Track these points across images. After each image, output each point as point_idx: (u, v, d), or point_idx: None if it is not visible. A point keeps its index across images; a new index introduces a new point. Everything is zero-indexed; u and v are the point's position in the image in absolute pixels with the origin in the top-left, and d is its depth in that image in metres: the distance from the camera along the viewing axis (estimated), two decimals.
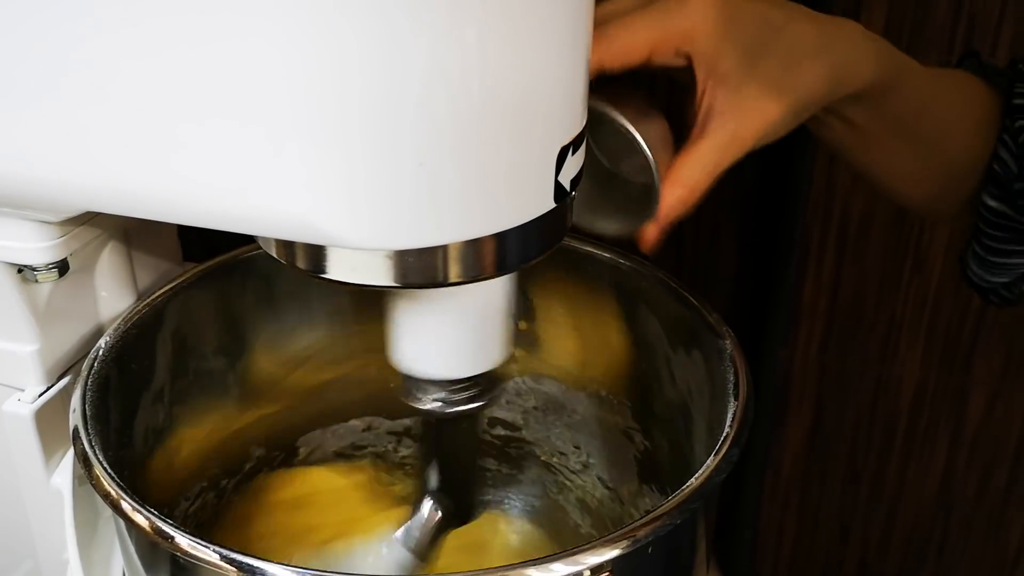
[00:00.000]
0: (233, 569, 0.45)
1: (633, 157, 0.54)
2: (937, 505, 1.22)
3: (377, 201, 0.41)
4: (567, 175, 0.45)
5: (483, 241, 0.44)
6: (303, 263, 0.46)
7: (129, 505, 0.48)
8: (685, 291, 0.60)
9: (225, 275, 0.65)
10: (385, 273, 0.44)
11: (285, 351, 0.69)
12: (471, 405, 0.52)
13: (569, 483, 0.74)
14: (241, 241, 0.63)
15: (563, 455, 0.74)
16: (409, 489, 0.73)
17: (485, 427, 0.75)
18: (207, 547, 0.45)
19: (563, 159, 0.45)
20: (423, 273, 0.44)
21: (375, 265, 0.44)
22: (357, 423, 0.74)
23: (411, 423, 0.75)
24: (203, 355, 0.65)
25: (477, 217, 0.43)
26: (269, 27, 0.38)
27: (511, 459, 0.75)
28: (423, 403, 0.52)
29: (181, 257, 0.70)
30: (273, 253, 0.47)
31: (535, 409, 0.73)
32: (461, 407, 0.52)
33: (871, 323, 1.13)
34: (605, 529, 0.72)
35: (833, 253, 1.10)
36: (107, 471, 0.50)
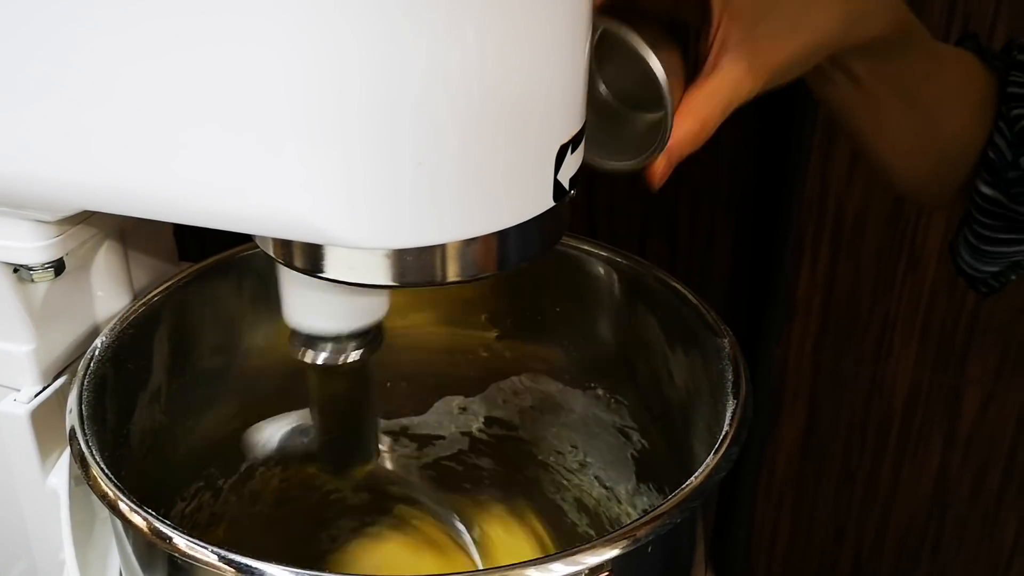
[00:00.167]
0: (231, 570, 0.44)
1: (646, 87, 0.52)
2: (931, 505, 1.22)
3: (376, 200, 0.41)
4: (566, 174, 0.45)
5: (482, 240, 0.44)
6: (301, 262, 0.46)
7: (127, 505, 0.48)
8: (683, 289, 0.60)
9: (221, 274, 0.65)
10: (383, 272, 0.44)
11: (282, 350, 0.68)
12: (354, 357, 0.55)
13: (566, 482, 0.74)
14: (237, 240, 0.63)
15: (560, 454, 0.74)
16: (407, 488, 0.73)
17: (482, 426, 0.75)
18: (205, 547, 0.45)
19: (562, 157, 0.45)
20: (422, 272, 0.44)
21: (373, 264, 0.44)
22: None
23: (407, 423, 0.75)
24: (200, 355, 0.65)
25: (476, 216, 0.43)
26: (268, 27, 0.38)
27: (508, 458, 0.75)
28: (307, 356, 0.56)
29: (177, 257, 0.70)
30: (271, 252, 0.47)
31: (532, 408, 0.73)
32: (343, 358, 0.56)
33: (865, 323, 1.13)
34: (602, 528, 0.71)
35: (827, 252, 1.10)
36: (104, 471, 0.50)
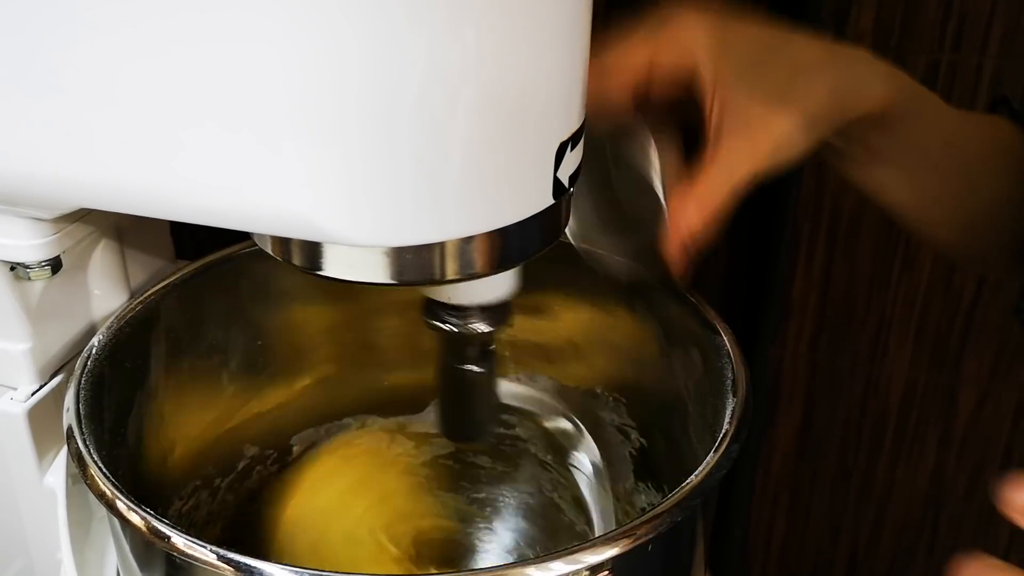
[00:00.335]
0: (230, 569, 0.44)
1: (641, 187, 0.53)
2: (927, 503, 1.22)
3: (375, 198, 0.41)
4: (566, 171, 0.45)
5: (481, 238, 0.44)
6: (299, 260, 0.46)
7: (124, 504, 0.47)
8: (682, 288, 0.60)
9: (218, 273, 0.65)
10: (382, 270, 0.44)
11: (279, 349, 0.69)
12: (480, 328, 0.54)
13: (564, 481, 0.73)
14: (233, 239, 0.63)
15: (558, 453, 0.73)
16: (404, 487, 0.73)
17: None
18: (204, 547, 0.45)
19: (562, 155, 0.45)
20: (420, 270, 0.44)
21: (372, 262, 0.44)
22: (351, 421, 0.74)
23: (404, 420, 0.75)
24: (197, 353, 0.65)
25: (476, 213, 0.43)
26: (267, 24, 0.38)
27: (506, 457, 0.75)
28: (442, 323, 0.54)
29: (174, 255, 0.69)
30: (269, 250, 0.47)
31: (530, 407, 0.73)
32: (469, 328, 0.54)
33: (861, 322, 1.13)
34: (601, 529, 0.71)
35: (823, 252, 1.10)
36: (102, 470, 0.49)
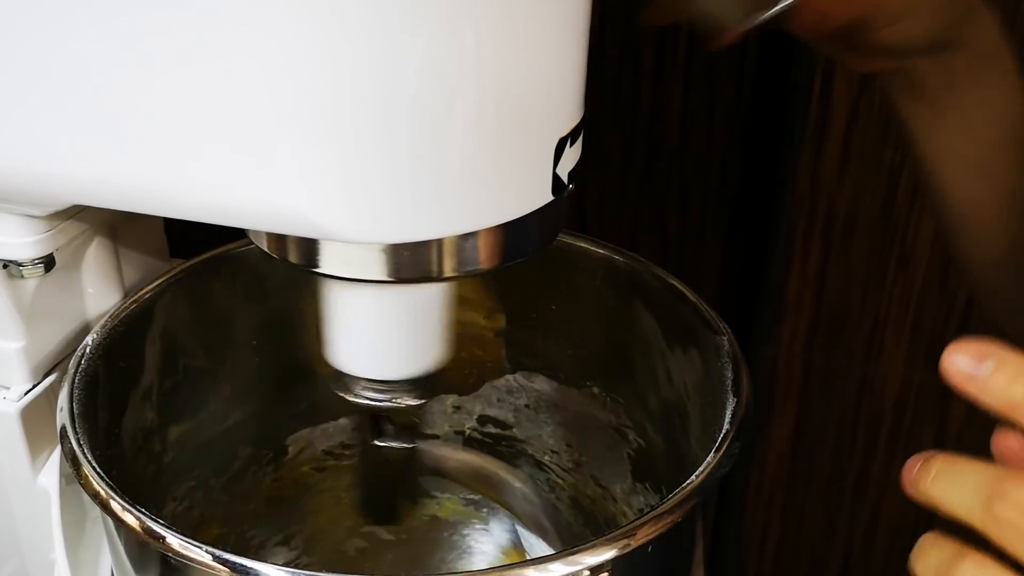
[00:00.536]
0: (225, 569, 0.44)
1: None
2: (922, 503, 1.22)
3: (373, 194, 0.41)
4: (565, 167, 0.45)
5: (479, 235, 0.43)
6: (295, 257, 0.45)
7: (119, 504, 0.47)
8: (681, 287, 0.60)
9: (214, 271, 0.64)
10: (379, 267, 0.43)
11: (274, 348, 0.68)
12: (404, 402, 0.52)
13: (561, 481, 0.73)
14: (227, 237, 0.63)
15: (555, 453, 0.73)
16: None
17: (476, 425, 0.74)
18: (199, 547, 0.45)
19: (561, 151, 0.44)
20: (417, 267, 0.43)
21: (369, 259, 0.43)
22: (346, 421, 0.74)
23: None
24: (191, 352, 0.64)
25: (474, 210, 0.43)
26: (263, 19, 0.38)
27: (503, 457, 0.75)
28: (357, 396, 0.52)
29: (168, 253, 0.69)
30: (264, 247, 0.46)
31: (527, 407, 0.73)
32: (392, 402, 0.51)
33: (856, 321, 1.13)
34: (598, 528, 0.71)
35: (818, 251, 1.09)
36: (96, 470, 0.49)
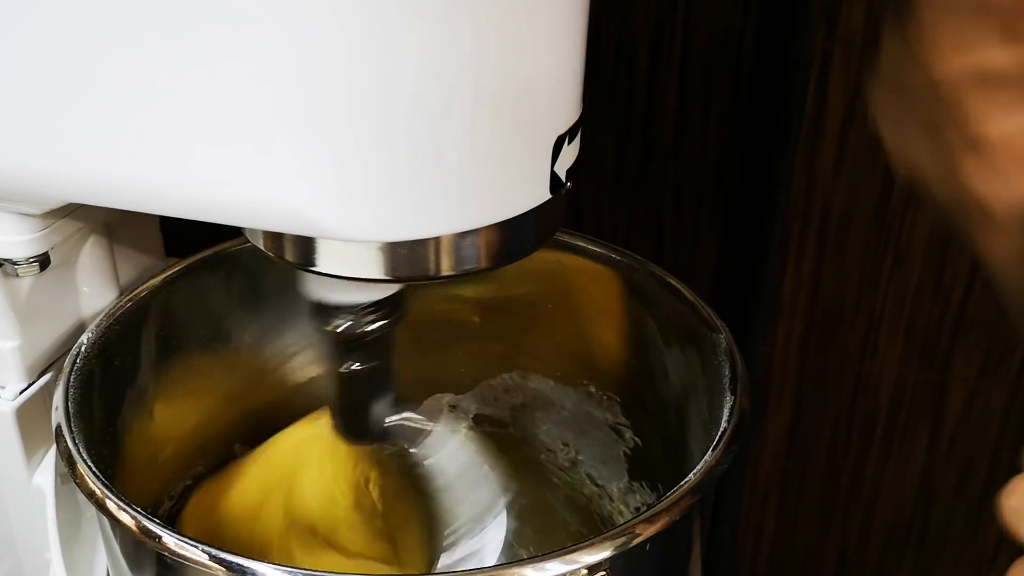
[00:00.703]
0: (222, 569, 0.44)
1: None
2: (916, 500, 1.22)
3: (370, 191, 0.41)
4: (563, 165, 0.45)
5: (477, 233, 0.43)
6: (292, 256, 0.45)
7: (114, 504, 0.47)
8: (678, 285, 0.60)
9: (209, 270, 0.64)
10: (377, 266, 0.43)
11: (270, 347, 0.68)
12: (378, 325, 0.53)
13: (557, 480, 0.73)
14: (222, 236, 0.62)
15: (551, 452, 0.73)
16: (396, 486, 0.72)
17: (471, 423, 0.74)
18: (195, 546, 0.45)
19: (559, 149, 0.44)
20: (415, 266, 0.43)
21: (367, 258, 0.43)
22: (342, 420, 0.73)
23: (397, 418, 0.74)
24: (187, 351, 0.64)
25: (472, 208, 0.42)
26: (260, 14, 0.38)
27: (498, 456, 0.74)
28: (332, 327, 0.53)
29: (163, 252, 0.69)
30: (260, 246, 0.46)
31: (522, 406, 0.72)
32: (369, 327, 0.53)
33: (851, 320, 1.13)
34: (594, 526, 0.71)
35: (813, 250, 1.09)
36: (91, 469, 0.49)
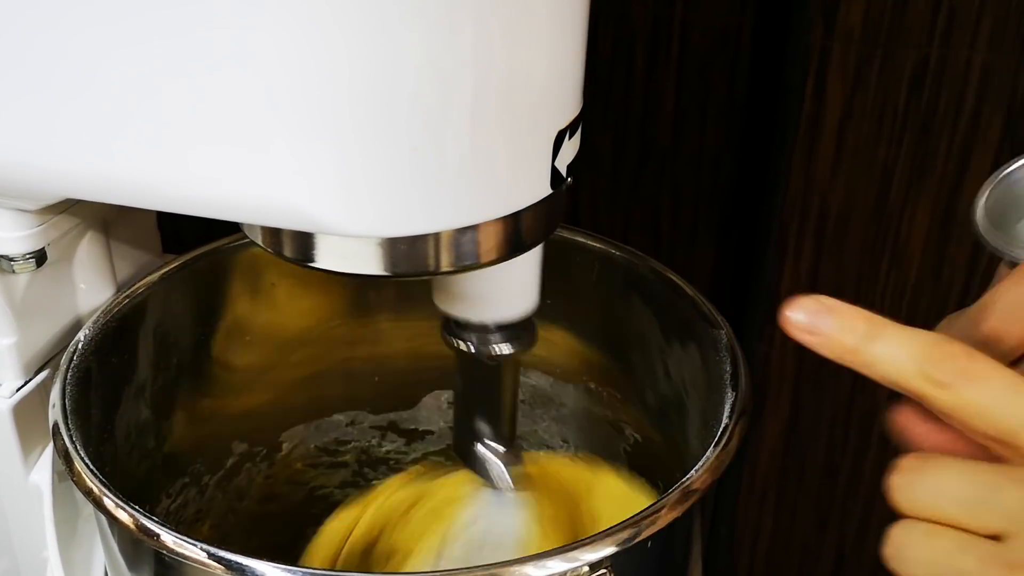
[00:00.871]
0: (220, 567, 0.44)
1: None
2: None
3: (370, 187, 0.40)
4: (563, 160, 0.45)
5: (478, 228, 0.43)
6: (291, 252, 0.45)
7: (112, 502, 0.47)
8: (679, 281, 0.60)
9: (206, 267, 0.64)
10: (376, 262, 0.43)
11: (268, 345, 0.68)
12: (510, 348, 0.52)
13: None
14: (219, 232, 0.62)
15: (551, 449, 0.73)
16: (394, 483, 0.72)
17: None
18: (193, 544, 0.44)
19: (560, 144, 0.44)
20: (415, 262, 0.43)
21: (366, 253, 0.43)
22: (341, 418, 0.73)
23: (395, 417, 0.74)
24: (185, 348, 0.64)
25: (472, 203, 0.42)
26: (258, 10, 0.37)
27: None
28: (465, 345, 0.52)
29: (160, 248, 0.69)
30: (259, 241, 0.46)
31: (522, 402, 0.72)
32: (501, 349, 0.52)
33: None
34: None
35: (811, 248, 1.09)
36: (89, 467, 0.49)
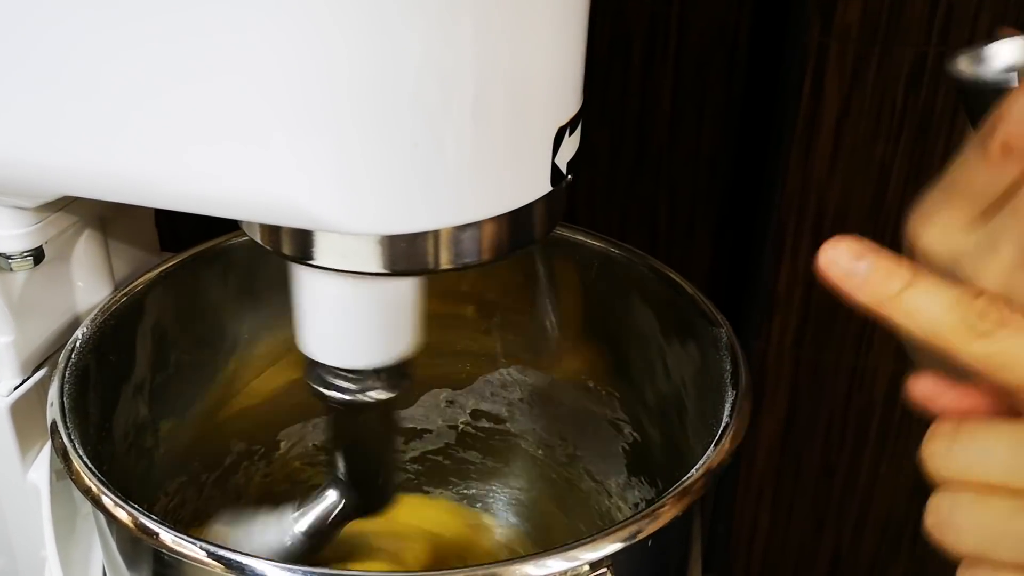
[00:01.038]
0: (219, 566, 0.44)
1: None
2: (911, 498, 1.22)
3: (370, 184, 0.40)
4: (564, 157, 0.44)
5: (477, 226, 0.43)
6: (290, 249, 0.44)
7: (111, 500, 0.47)
8: (679, 279, 0.60)
9: (206, 265, 0.64)
10: (375, 259, 0.43)
11: (267, 343, 0.68)
12: (376, 396, 0.49)
13: (555, 476, 0.73)
14: (218, 230, 0.62)
15: (549, 448, 0.73)
16: None
17: (469, 419, 0.74)
18: (193, 543, 0.44)
19: (560, 140, 0.44)
20: (414, 259, 0.43)
21: (366, 251, 0.43)
22: None
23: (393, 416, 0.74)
24: (183, 347, 0.64)
25: (472, 200, 0.42)
26: (261, 7, 0.37)
27: (496, 452, 0.74)
28: (327, 389, 0.49)
29: (158, 246, 0.68)
30: (258, 239, 0.46)
31: (520, 401, 0.72)
32: (365, 397, 0.49)
33: (845, 316, 1.13)
34: (593, 523, 0.71)
35: (808, 246, 1.09)
36: (87, 466, 0.49)
